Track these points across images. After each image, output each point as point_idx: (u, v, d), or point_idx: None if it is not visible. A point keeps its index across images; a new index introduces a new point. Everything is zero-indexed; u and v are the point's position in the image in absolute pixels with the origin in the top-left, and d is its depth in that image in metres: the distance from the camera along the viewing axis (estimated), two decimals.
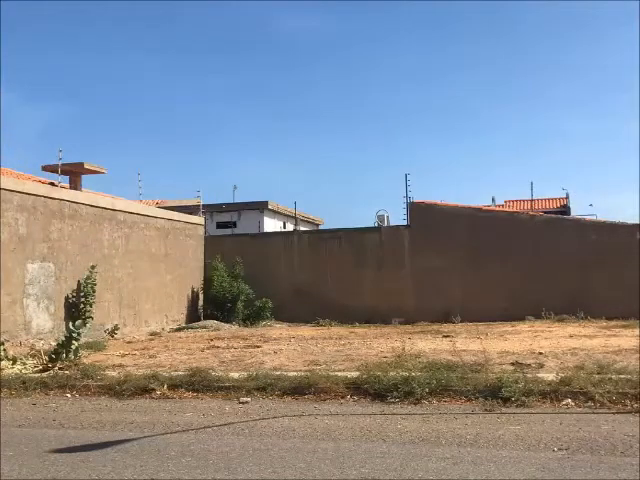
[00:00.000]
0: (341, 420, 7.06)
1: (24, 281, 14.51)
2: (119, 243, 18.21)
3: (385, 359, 10.26)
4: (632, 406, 7.11)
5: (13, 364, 10.93)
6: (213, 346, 13.57)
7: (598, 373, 8.18)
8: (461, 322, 19.17)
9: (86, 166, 18.90)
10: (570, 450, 5.62)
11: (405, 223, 22.34)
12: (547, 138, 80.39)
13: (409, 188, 22.21)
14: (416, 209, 22.10)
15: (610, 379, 7.74)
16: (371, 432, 6.47)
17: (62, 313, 15.66)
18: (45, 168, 18.58)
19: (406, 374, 8.28)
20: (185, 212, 23.43)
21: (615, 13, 70.79)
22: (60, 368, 10.33)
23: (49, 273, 15.35)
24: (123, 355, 12.48)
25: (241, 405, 7.98)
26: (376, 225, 23.49)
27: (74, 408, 8.20)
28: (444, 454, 5.59)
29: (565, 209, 39.06)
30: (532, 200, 35.40)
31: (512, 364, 9.38)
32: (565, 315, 18.69)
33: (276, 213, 33.51)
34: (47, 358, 10.72)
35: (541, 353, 10.85)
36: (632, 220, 21.09)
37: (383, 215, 23.94)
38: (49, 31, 73.26)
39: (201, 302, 22.51)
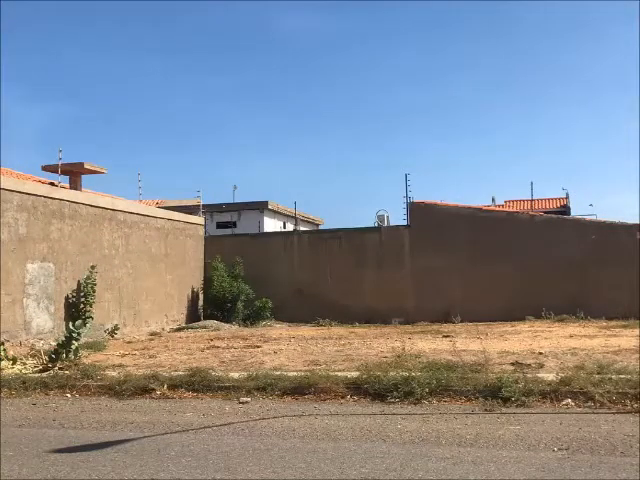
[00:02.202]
0: (341, 420, 7.05)
1: (24, 281, 14.51)
2: (119, 243, 18.20)
3: (385, 359, 10.26)
4: (632, 406, 7.10)
5: (13, 364, 10.93)
6: (213, 346, 13.56)
7: (598, 373, 8.18)
8: (461, 322, 19.18)
9: (86, 166, 18.90)
10: (570, 450, 5.61)
11: (405, 223, 22.34)
12: (547, 138, 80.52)
13: (409, 188, 22.27)
14: (416, 209, 22.10)
15: (610, 379, 7.74)
16: (371, 432, 6.47)
17: (62, 313, 15.67)
18: (45, 168, 18.59)
19: (406, 374, 8.27)
20: (185, 212, 23.43)
21: (615, 13, 70.84)
22: (60, 368, 10.32)
23: (49, 273, 15.35)
24: (123, 355, 12.48)
25: (241, 405, 7.98)
26: (376, 225, 23.50)
27: (74, 408, 8.19)
28: (444, 454, 5.59)
29: (565, 209, 39.07)
30: (532, 200, 35.42)
31: (512, 364, 9.38)
32: (565, 315, 18.71)
33: (276, 213, 33.51)
34: (47, 358, 10.71)
35: (541, 353, 10.85)
36: (632, 220, 21.14)
37: (383, 215, 23.95)
38: (49, 31, 73.34)
39: (201, 302, 22.51)
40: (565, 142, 79.73)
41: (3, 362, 10.84)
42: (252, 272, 21.84)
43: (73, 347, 10.90)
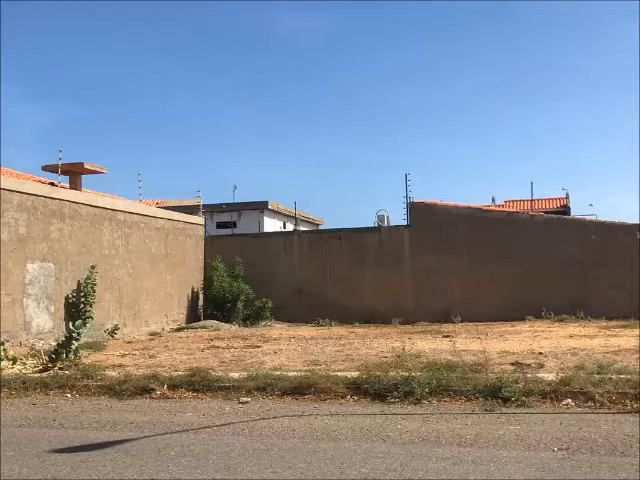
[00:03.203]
0: (341, 420, 7.05)
1: (24, 281, 14.51)
2: (119, 243, 18.20)
3: (385, 359, 10.26)
4: (632, 406, 7.10)
5: (13, 364, 10.92)
6: (213, 346, 13.56)
7: (598, 373, 8.18)
8: (461, 322, 19.17)
9: (86, 166, 18.88)
10: (570, 450, 5.61)
11: (405, 223, 22.35)
12: (547, 138, 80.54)
13: (409, 188, 22.30)
14: (416, 209, 22.11)
15: (610, 379, 7.74)
16: (371, 432, 6.47)
17: (62, 313, 15.66)
18: (45, 168, 18.57)
19: (406, 374, 8.27)
20: (185, 212, 23.43)
21: (615, 13, 70.84)
22: (60, 368, 10.32)
23: (49, 273, 15.35)
24: (123, 355, 12.47)
25: (241, 405, 7.98)
26: (376, 225, 23.50)
27: (74, 408, 8.19)
28: (444, 454, 5.59)
29: (565, 209, 39.07)
30: (532, 200, 35.45)
31: (512, 364, 9.37)
32: (565, 315, 18.70)
33: (276, 213, 33.52)
34: (47, 358, 10.71)
35: (541, 353, 10.85)
36: (632, 220, 21.14)
37: (383, 215, 23.96)
38: (49, 31, 73.32)
39: (201, 302, 22.51)
40: (565, 142, 79.84)
41: (3, 362, 10.84)
42: (252, 272, 21.84)
43: (73, 347, 10.90)
